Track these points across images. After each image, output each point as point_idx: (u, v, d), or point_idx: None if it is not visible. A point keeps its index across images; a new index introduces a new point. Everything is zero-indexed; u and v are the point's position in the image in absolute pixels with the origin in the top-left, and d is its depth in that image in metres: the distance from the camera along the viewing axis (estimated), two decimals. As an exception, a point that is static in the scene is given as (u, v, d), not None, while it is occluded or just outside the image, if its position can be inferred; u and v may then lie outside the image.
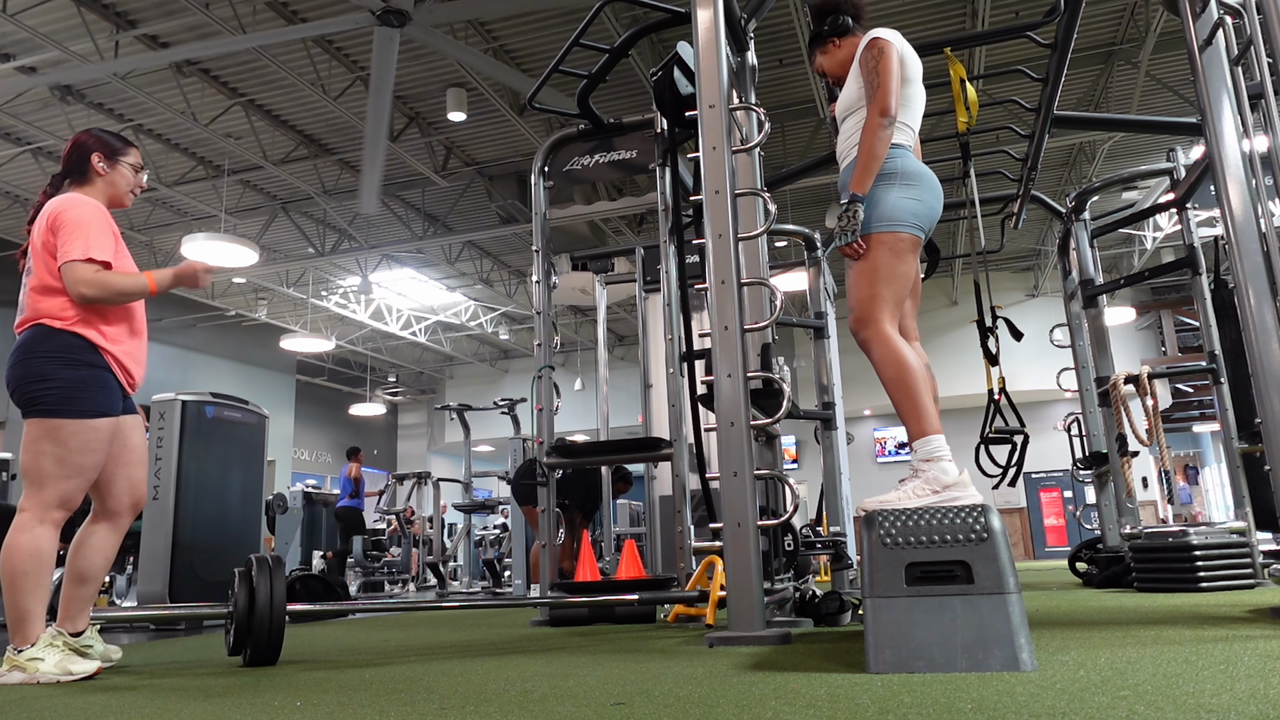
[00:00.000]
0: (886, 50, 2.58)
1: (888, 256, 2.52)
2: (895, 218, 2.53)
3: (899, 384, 2.45)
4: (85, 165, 2.60)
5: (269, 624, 2.53)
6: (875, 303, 2.51)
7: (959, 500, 2.25)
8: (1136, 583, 4.39)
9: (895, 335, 2.50)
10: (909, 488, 2.35)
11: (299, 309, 15.37)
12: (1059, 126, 4.61)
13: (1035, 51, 7.88)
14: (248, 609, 2.55)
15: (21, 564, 2.40)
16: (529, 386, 4.48)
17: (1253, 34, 2.57)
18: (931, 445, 2.39)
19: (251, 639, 2.56)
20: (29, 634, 2.41)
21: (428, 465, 19.68)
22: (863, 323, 2.53)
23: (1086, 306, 5.58)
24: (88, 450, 2.46)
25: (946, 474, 2.33)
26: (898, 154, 2.61)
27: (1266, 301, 2.54)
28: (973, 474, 5.24)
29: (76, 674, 2.39)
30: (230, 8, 7.35)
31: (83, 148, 2.61)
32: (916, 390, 2.44)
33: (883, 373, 2.49)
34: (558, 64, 3.85)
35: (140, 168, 2.73)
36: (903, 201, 2.53)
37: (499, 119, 9.40)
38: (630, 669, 2.14)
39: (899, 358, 2.46)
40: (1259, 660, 1.77)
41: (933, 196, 2.61)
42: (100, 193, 2.62)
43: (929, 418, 2.43)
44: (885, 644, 1.81)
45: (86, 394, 2.45)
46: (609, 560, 6.44)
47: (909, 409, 2.44)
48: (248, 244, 9.53)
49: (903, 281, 2.55)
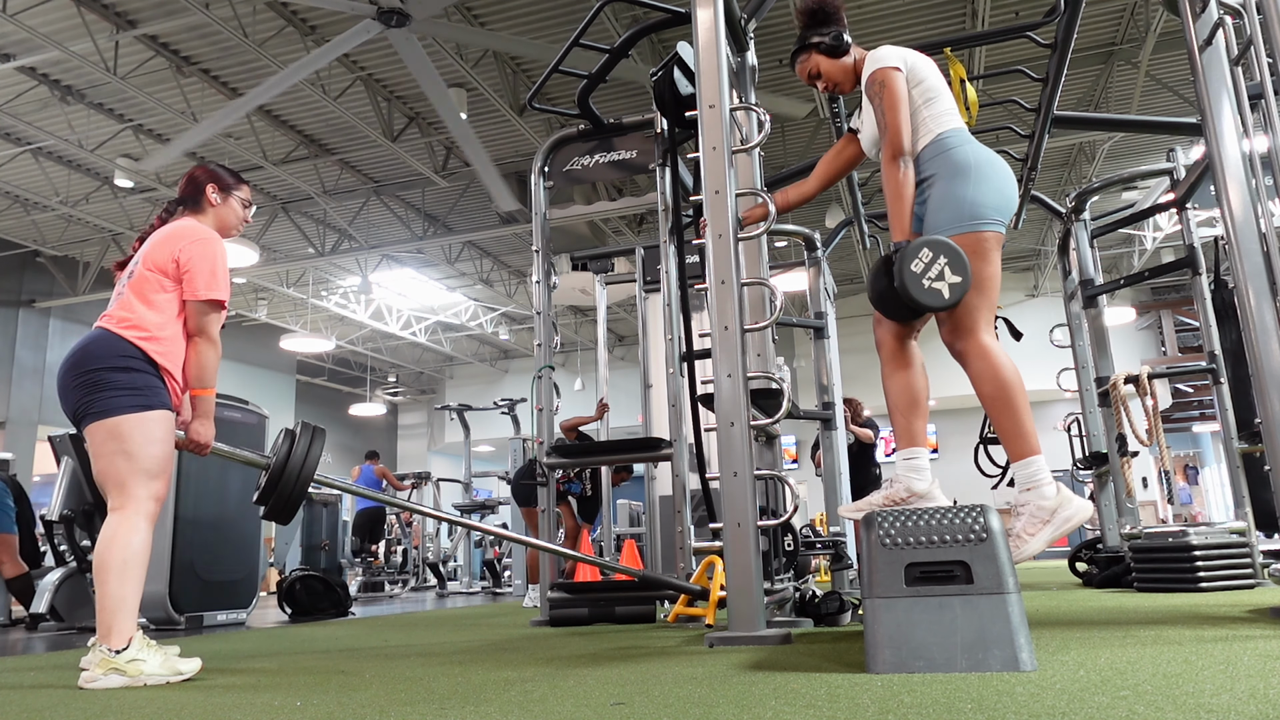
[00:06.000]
0: (888, 83, 2.44)
1: (974, 260, 2.28)
2: (976, 215, 2.33)
3: (999, 401, 2.27)
4: (200, 196, 2.74)
5: (297, 478, 2.67)
6: (969, 312, 2.30)
7: (1073, 521, 2.15)
8: (1136, 583, 4.39)
9: (995, 347, 2.32)
10: (1018, 528, 2.18)
11: (299, 309, 15.37)
12: (1059, 126, 4.61)
13: (1035, 51, 7.88)
14: (284, 460, 2.68)
15: (118, 554, 2.32)
16: (529, 386, 4.48)
17: (1253, 34, 2.57)
18: (1032, 469, 2.24)
19: (277, 491, 2.67)
20: (124, 632, 2.29)
21: (428, 465, 19.68)
22: (957, 334, 2.34)
23: (1086, 306, 5.58)
24: (151, 441, 2.43)
25: (1047, 499, 2.18)
26: (959, 141, 2.42)
27: (1266, 301, 2.54)
28: (972, 474, 5.25)
29: (186, 673, 2.33)
30: (230, 8, 7.35)
31: (198, 180, 2.76)
32: (1018, 408, 2.26)
33: (980, 388, 2.31)
34: (558, 64, 3.85)
35: (249, 203, 2.85)
36: (980, 196, 2.33)
37: (499, 119, 9.40)
38: (630, 669, 2.14)
39: (999, 373, 2.28)
40: (1259, 660, 1.77)
41: (1009, 184, 2.40)
42: (210, 222, 2.74)
43: (1030, 438, 2.26)
44: (885, 644, 1.81)
45: (140, 393, 2.43)
46: (609, 560, 6.44)
47: (1009, 428, 2.27)
48: (248, 244, 9.54)
49: (993, 284, 2.34)
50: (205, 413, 2.60)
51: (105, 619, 2.28)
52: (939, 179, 2.40)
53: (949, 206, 2.33)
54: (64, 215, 11.40)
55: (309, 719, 1.64)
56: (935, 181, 2.41)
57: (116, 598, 2.30)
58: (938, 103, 2.49)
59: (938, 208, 2.36)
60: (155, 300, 2.52)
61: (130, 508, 2.38)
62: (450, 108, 7.35)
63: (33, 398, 12.50)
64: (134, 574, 2.33)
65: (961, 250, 2.24)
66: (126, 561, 2.32)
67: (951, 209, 2.33)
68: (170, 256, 2.55)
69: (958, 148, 2.40)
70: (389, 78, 8.82)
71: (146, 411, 2.42)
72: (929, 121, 2.48)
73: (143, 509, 2.39)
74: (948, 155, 2.40)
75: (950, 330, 2.36)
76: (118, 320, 2.50)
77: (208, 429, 2.61)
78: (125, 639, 2.28)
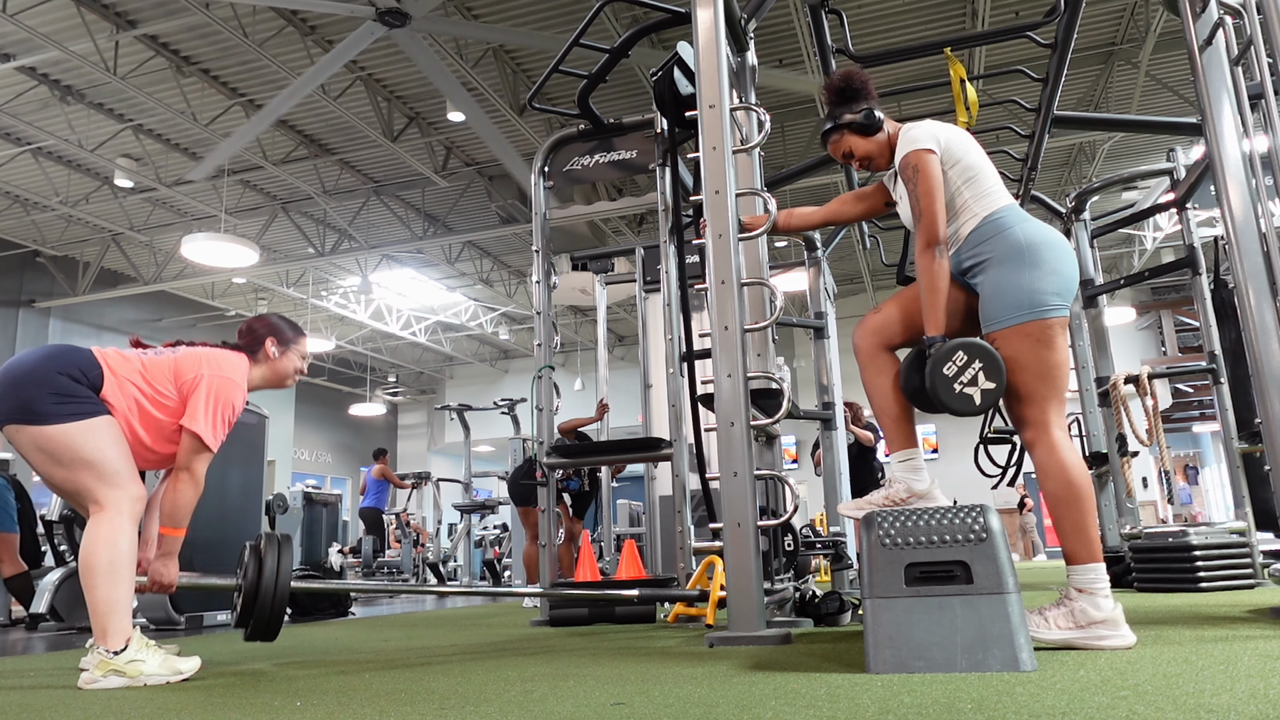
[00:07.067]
0: (922, 167, 2.28)
1: (1037, 349, 2.16)
2: (1036, 302, 2.17)
3: (1064, 501, 2.15)
4: (258, 347, 2.70)
5: (273, 597, 2.51)
6: (1035, 403, 2.18)
7: (1104, 643, 2.04)
8: (1136, 583, 4.39)
9: (1064, 444, 2.19)
10: (1052, 615, 2.09)
11: (299, 309, 15.37)
12: (1059, 126, 4.61)
13: (1035, 51, 7.89)
14: (255, 582, 2.53)
15: (104, 555, 2.26)
16: (529, 386, 4.47)
17: (1253, 34, 2.57)
18: (1092, 575, 2.10)
19: (255, 614, 2.53)
20: (120, 633, 2.24)
21: (428, 465, 19.68)
22: (1024, 425, 2.22)
23: (1086, 306, 5.58)
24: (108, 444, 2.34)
25: (1101, 610, 2.06)
26: (1012, 221, 2.26)
27: (1266, 301, 2.54)
28: (972, 474, 5.25)
29: (186, 673, 2.31)
30: (230, 8, 7.36)
31: (257, 333, 2.71)
32: (1083, 511, 2.13)
33: (1045, 484, 2.18)
34: (558, 64, 3.85)
35: (306, 356, 2.82)
36: (1038, 281, 2.18)
37: (499, 119, 9.40)
38: (630, 669, 2.14)
39: (1066, 473, 2.15)
40: (1259, 660, 1.77)
41: (1069, 264, 2.24)
42: (263, 370, 2.71)
43: (1093, 544, 2.13)
44: (885, 644, 1.81)
45: (84, 401, 2.35)
46: (609, 560, 6.44)
47: (1069, 530, 2.14)
48: (248, 244, 9.53)
49: (1060, 372, 2.19)
50: (169, 552, 2.49)
51: (99, 622, 2.25)
52: (993, 264, 2.25)
53: (1006, 294, 2.20)
54: (64, 215, 11.40)
55: (309, 719, 1.64)
56: (989, 266, 2.25)
57: (108, 600, 2.25)
58: (980, 181, 2.32)
59: (994, 294, 2.22)
60: (159, 390, 2.44)
61: (111, 508, 2.31)
62: (465, 99, 7.37)
63: (33, 398, 12.48)
64: (123, 575, 2.27)
65: (999, 356, 2.15)
66: (114, 563, 2.26)
67: (1009, 297, 2.19)
68: (195, 371, 2.47)
69: (1011, 229, 2.25)
70: (389, 78, 8.82)
71: (90, 419, 2.33)
72: (972, 203, 2.32)
73: (124, 509, 2.32)
74: (1001, 237, 2.25)
75: (1017, 419, 2.25)
76: (108, 396, 2.37)
77: (171, 569, 2.49)
78: (122, 640, 2.25)
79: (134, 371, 2.44)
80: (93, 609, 2.26)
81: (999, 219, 2.27)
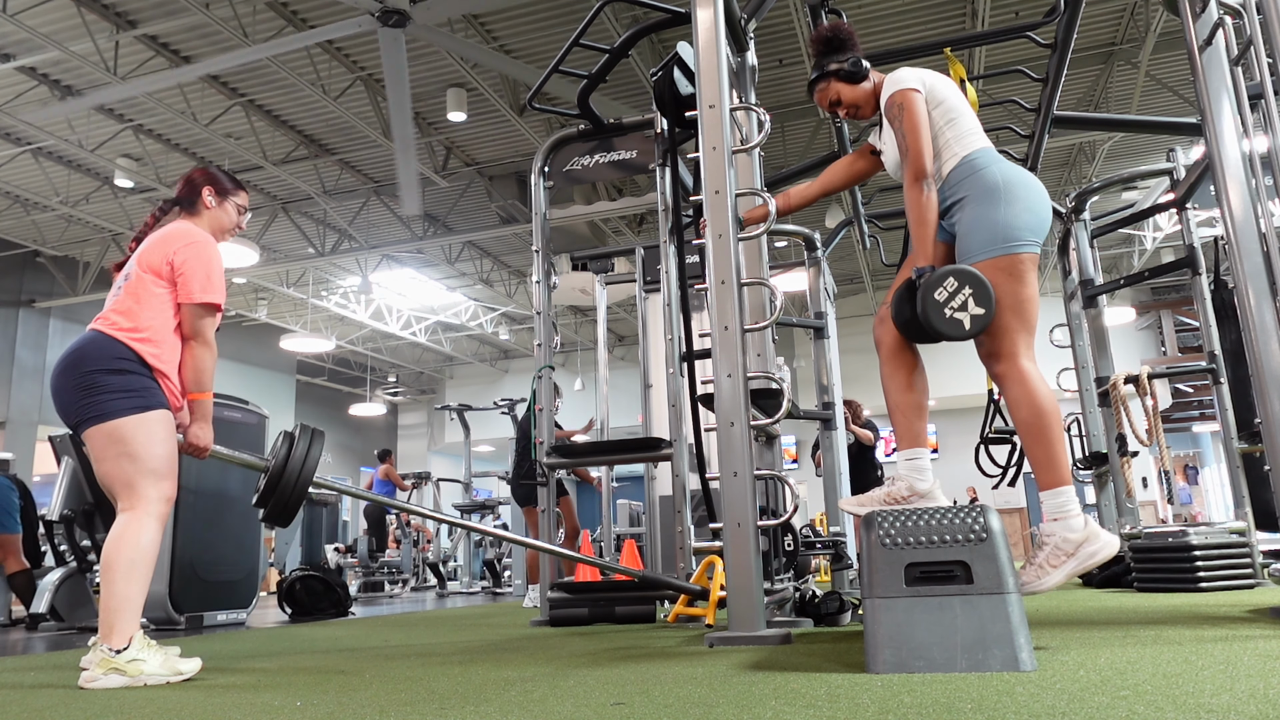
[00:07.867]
0: (908, 105, 2.39)
1: (1009, 283, 2.26)
2: (1010, 237, 2.27)
3: (1033, 429, 2.24)
4: (196, 198, 2.74)
5: (296, 480, 2.66)
6: (1006, 335, 2.27)
7: (1097, 557, 2.11)
8: (1136, 583, 4.39)
9: (1034, 373, 2.27)
10: (1041, 559, 2.15)
11: (299, 309, 15.37)
12: (1059, 126, 4.61)
13: (1035, 51, 7.89)
14: (283, 463, 2.67)
15: (126, 553, 2.31)
16: (529, 386, 4.48)
17: (1253, 34, 2.57)
18: (1061, 499, 2.20)
19: (276, 494, 2.66)
20: (125, 632, 2.28)
21: (428, 465, 19.68)
22: (995, 357, 2.30)
23: (1086, 306, 5.58)
24: (155, 441, 2.41)
25: (1074, 532, 2.15)
26: (988, 161, 2.36)
27: (1266, 301, 2.54)
28: (972, 474, 5.24)
29: (186, 673, 2.33)
30: (230, 8, 7.36)
31: (195, 182, 2.75)
32: (1052, 437, 2.21)
33: (1015, 413, 2.27)
34: (558, 64, 3.85)
35: (245, 209, 2.85)
36: (1012, 217, 2.27)
37: (499, 119, 9.40)
38: (630, 669, 2.14)
39: (1035, 400, 2.24)
40: (1259, 660, 1.77)
41: (1042, 203, 2.34)
42: (204, 225, 2.73)
43: (1062, 468, 2.22)
44: (885, 644, 1.81)
45: (137, 394, 2.42)
46: (609, 560, 6.44)
47: (1040, 456, 2.23)
48: (248, 244, 9.53)
49: (1030, 306, 2.28)
50: (203, 416, 2.59)
51: (108, 618, 2.28)
52: (969, 201, 2.34)
53: (981, 229, 2.28)
54: (64, 215, 11.40)
55: (309, 719, 1.64)
56: (966, 204, 2.35)
57: (121, 597, 2.29)
58: (960, 122, 2.43)
59: (969, 230, 2.31)
60: (150, 302, 2.51)
61: (140, 508, 2.37)
62: (405, 113, 7.25)
63: (33, 398, 12.50)
64: (140, 574, 2.32)
65: (988, 281, 2.20)
66: (134, 561, 2.31)
67: (984, 232, 2.28)
68: (164, 259, 2.55)
69: (987, 168, 2.34)
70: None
71: (145, 412, 2.41)
72: (953, 143, 2.43)
73: (153, 509, 2.38)
74: (977, 176, 2.34)
75: (988, 353, 2.32)
76: (112, 323, 2.49)
77: (206, 433, 2.60)
78: (126, 639, 2.27)
79: (147, 316, 2.50)
80: (104, 604, 2.29)
81: (975, 159, 2.37)
